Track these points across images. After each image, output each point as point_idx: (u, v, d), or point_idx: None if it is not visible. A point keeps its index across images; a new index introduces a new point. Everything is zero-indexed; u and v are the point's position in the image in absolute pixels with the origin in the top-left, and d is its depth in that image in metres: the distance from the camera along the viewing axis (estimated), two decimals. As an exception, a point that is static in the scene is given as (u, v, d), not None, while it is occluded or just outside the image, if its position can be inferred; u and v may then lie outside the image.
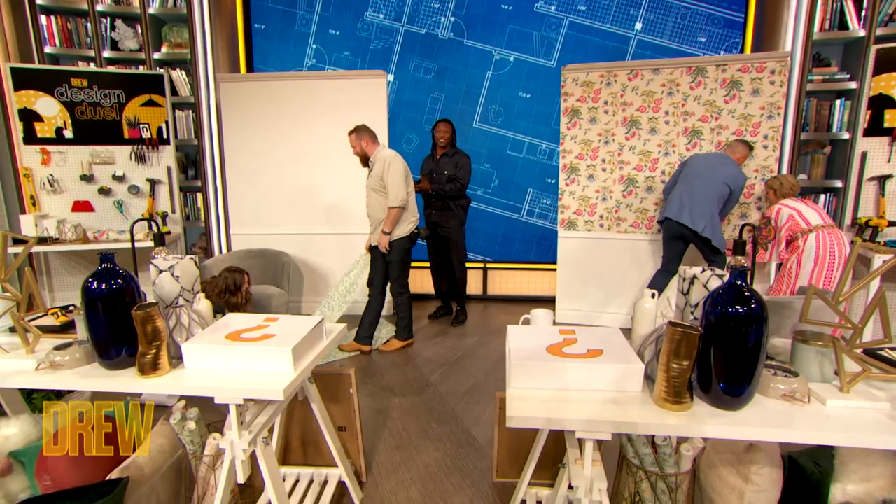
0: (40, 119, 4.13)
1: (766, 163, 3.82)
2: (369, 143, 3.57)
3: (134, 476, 1.77)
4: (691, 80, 3.89)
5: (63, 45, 4.42)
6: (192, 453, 1.98)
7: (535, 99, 4.89)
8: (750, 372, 1.27)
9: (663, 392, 1.30)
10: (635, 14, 4.61)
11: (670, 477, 1.73)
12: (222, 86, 4.48)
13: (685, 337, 1.26)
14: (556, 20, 4.72)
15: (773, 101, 3.74)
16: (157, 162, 4.39)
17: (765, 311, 1.26)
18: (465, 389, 3.20)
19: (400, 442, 2.59)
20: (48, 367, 1.58)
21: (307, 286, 4.72)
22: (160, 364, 1.52)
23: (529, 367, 1.40)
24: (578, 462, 1.36)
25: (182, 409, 2.01)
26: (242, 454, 1.47)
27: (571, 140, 4.27)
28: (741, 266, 1.30)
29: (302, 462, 2.20)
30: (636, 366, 1.39)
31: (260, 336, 1.59)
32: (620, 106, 4.10)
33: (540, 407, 1.31)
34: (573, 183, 4.34)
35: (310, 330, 1.65)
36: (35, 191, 4.20)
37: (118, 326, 1.54)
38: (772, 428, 1.22)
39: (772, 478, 1.49)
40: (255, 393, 1.43)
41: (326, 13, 4.88)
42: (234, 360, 1.52)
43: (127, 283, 1.56)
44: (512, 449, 2.17)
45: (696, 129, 3.95)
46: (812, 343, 1.41)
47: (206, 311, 1.79)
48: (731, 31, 4.50)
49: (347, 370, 2.08)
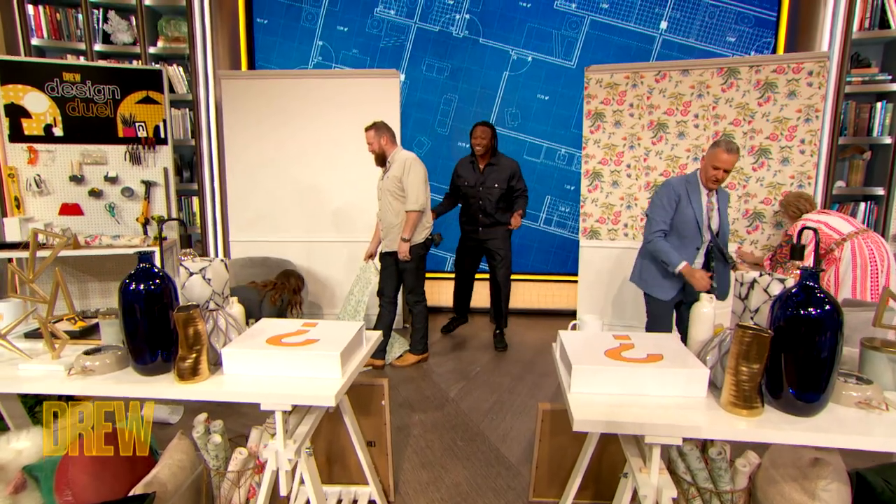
0: (28, 115, 4.13)
1: (803, 168, 3.92)
2: (388, 142, 3.64)
3: (158, 492, 1.81)
4: (723, 81, 4.01)
5: (51, 36, 4.46)
6: (216, 469, 2.01)
7: (554, 101, 4.99)
8: (825, 377, 1.33)
9: (732, 396, 1.37)
10: (660, 12, 4.74)
11: (725, 494, 1.77)
12: (223, 83, 4.56)
13: (756, 339, 1.33)
14: (576, 18, 4.85)
15: (811, 104, 3.85)
16: (152, 163, 4.43)
17: (840, 315, 1.32)
18: (489, 406, 3.25)
19: (425, 460, 2.63)
20: (79, 373, 1.62)
21: (312, 296, 4.77)
22: (200, 369, 1.56)
23: (590, 371, 1.46)
24: (644, 470, 1.41)
25: (205, 423, 2.04)
26: (287, 464, 1.52)
27: (594, 144, 4.37)
28: (812, 267, 1.37)
29: (328, 480, 2.24)
30: (701, 370, 1.45)
31: (303, 341, 1.64)
32: (647, 109, 4.21)
33: (604, 411, 1.37)
34: (596, 190, 4.42)
35: (353, 335, 1.70)
36: (20, 192, 4.21)
37: (155, 329, 1.59)
38: (851, 435, 1.28)
39: (840, 495, 1.50)
40: (305, 399, 1.48)
41: (334, 8, 4.98)
42: (277, 365, 1.57)
43: (165, 284, 1.61)
44: (552, 466, 2.22)
45: (727, 133, 4.05)
46: (885, 350, 1.47)
47: (239, 316, 1.84)
48: (763, 31, 4.63)
49: (380, 380, 2.13)
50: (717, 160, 2.83)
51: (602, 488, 2.15)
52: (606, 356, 1.54)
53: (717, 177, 2.87)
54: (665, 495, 1.36)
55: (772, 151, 3.97)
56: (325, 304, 4.78)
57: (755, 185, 4.04)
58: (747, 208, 4.09)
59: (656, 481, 1.38)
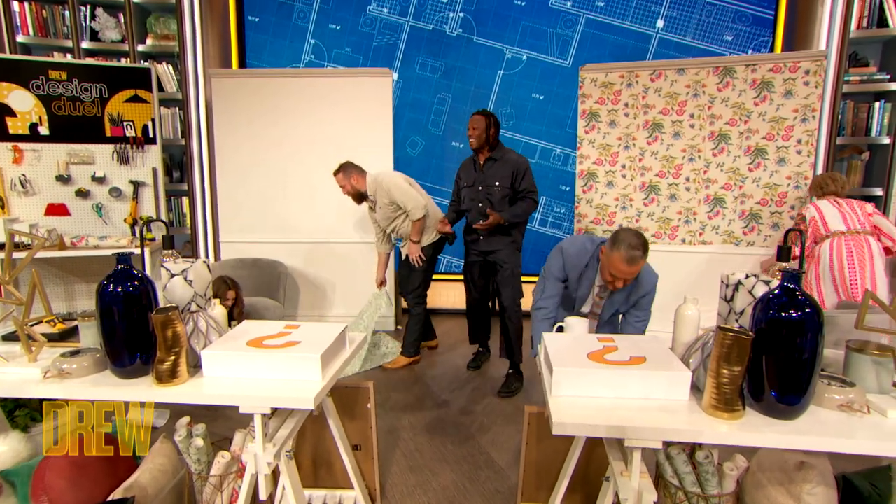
0: (13, 114, 4.12)
1: (800, 169, 3.93)
2: (358, 179, 3.72)
3: (138, 497, 1.82)
4: (718, 80, 4.03)
5: (37, 33, 4.45)
6: (198, 473, 2.02)
7: (549, 100, 5.01)
8: (806, 380, 1.35)
9: (713, 399, 1.38)
10: (657, 11, 4.76)
11: (713, 498, 1.78)
12: (213, 82, 4.57)
13: (736, 342, 1.34)
14: (572, 16, 4.87)
15: (808, 104, 3.87)
16: (141, 163, 4.43)
17: (821, 318, 1.34)
18: (480, 409, 3.26)
19: (414, 463, 2.64)
20: (56, 376, 1.63)
21: (304, 299, 4.78)
22: (179, 372, 1.57)
23: (573, 375, 1.47)
24: (625, 474, 1.43)
25: (187, 426, 2.05)
26: (267, 468, 1.53)
27: (589, 144, 4.38)
28: (794, 270, 1.38)
29: (314, 484, 2.24)
30: (684, 373, 1.46)
31: (284, 343, 1.65)
32: (642, 108, 4.22)
33: (585, 414, 1.38)
34: (591, 190, 4.44)
35: (335, 337, 1.71)
36: (4, 192, 4.20)
37: (134, 332, 1.60)
38: (832, 438, 1.29)
39: (826, 498, 1.52)
40: (284, 402, 1.49)
41: (326, 6, 5.00)
42: (257, 367, 1.58)
43: (143, 286, 1.62)
44: (540, 470, 2.23)
45: (723, 132, 4.07)
46: (868, 352, 1.49)
47: (220, 318, 1.85)
48: (760, 29, 4.65)
49: (366, 383, 2.14)
50: (613, 267, 2.32)
51: (591, 491, 2.15)
52: (589, 359, 1.55)
53: (616, 286, 2.41)
54: (645, 499, 1.37)
55: (768, 152, 3.99)
56: (316, 305, 4.79)
57: (751, 186, 4.06)
58: (743, 209, 4.10)
59: (637, 485, 1.39)
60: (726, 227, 4.17)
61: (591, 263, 2.54)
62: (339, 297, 4.76)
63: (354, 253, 4.60)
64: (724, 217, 4.17)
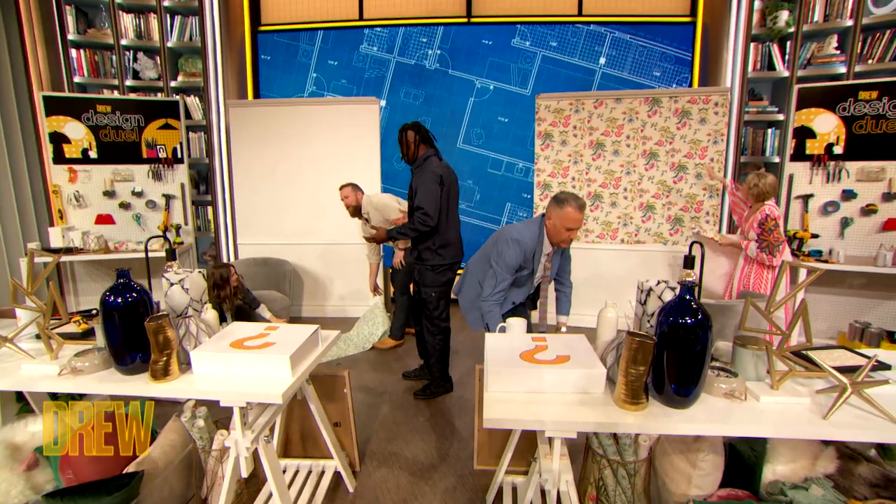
0: (68, 141, 4.08)
1: (712, 182, 3.87)
2: (360, 197, 3.61)
3: (148, 469, 1.74)
4: (648, 108, 3.94)
5: (90, 74, 4.36)
6: (202, 448, 1.94)
7: (513, 123, 4.90)
8: (697, 374, 1.28)
9: (623, 394, 1.31)
10: (599, 50, 4.65)
11: (630, 464, 1.73)
12: (231, 110, 4.44)
13: (642, 346, 1.27)
14: (530, 54, 4.75)
15: (717, 129, 3.81)
16: (171, 179, 4.33)
17: (709, 322, 1.27)
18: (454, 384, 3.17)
19: (391, 434, 2.56)
20: (70, 373, 1.54)
21: (307, 291, 4.68)
22: (170, 370, 1.49)
23: (504, 373, 1.40)
24: (548, 457, 1.35)
25: (192, 408, 1.97)
26: (245, 451, 1.45)
27: (545, 160, 4.29)
28: (689, 282, 1.31)
29: (301, 455, 2.17)
30: (599, 371, 1.39)
31: (261, 344, 1.57)
32: (587, 130, 4.13)
33: (514, 409, 1.31)
34: (546, 198, 4.34)
35: (306, 338, 1.63)
36: (62, 205, 4.14)
37: (132, 336, 1.51)
38: (715, 423, 1.25)
39: (715, 463, 1.52)
40: (256, 397, 1.41)
41: (326, 46, 4.86)
42: (237, 366, 1.50)
43: (140, 297, 1.53)
44: (492, 439, 2.16)
45: (653, 151, 3.99)
46: (749, 347, 1.43)
47: (212, 321, 1.76)
48: (681, 68, 4.57)
49: (342, 372, 2.06)
50: (570, 220, 2.16)
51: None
52: (521, 358, 1.47)
53: (571, 237, 2.23)
54: (563, 478, 1.31)
55: (688, 168, 3.92)
56: (319, 298, 4.69)
57: (676, 196, 3.99)
58: (670, 214, 4.04)
59: (557, 467, 1.32)
60: (656, 229, 4.10)
61: (540, 238, 2.32)
62: (336, 290, 4.67)
63: (349, 253, 4.50)
64: (654, 221, 4.10)
